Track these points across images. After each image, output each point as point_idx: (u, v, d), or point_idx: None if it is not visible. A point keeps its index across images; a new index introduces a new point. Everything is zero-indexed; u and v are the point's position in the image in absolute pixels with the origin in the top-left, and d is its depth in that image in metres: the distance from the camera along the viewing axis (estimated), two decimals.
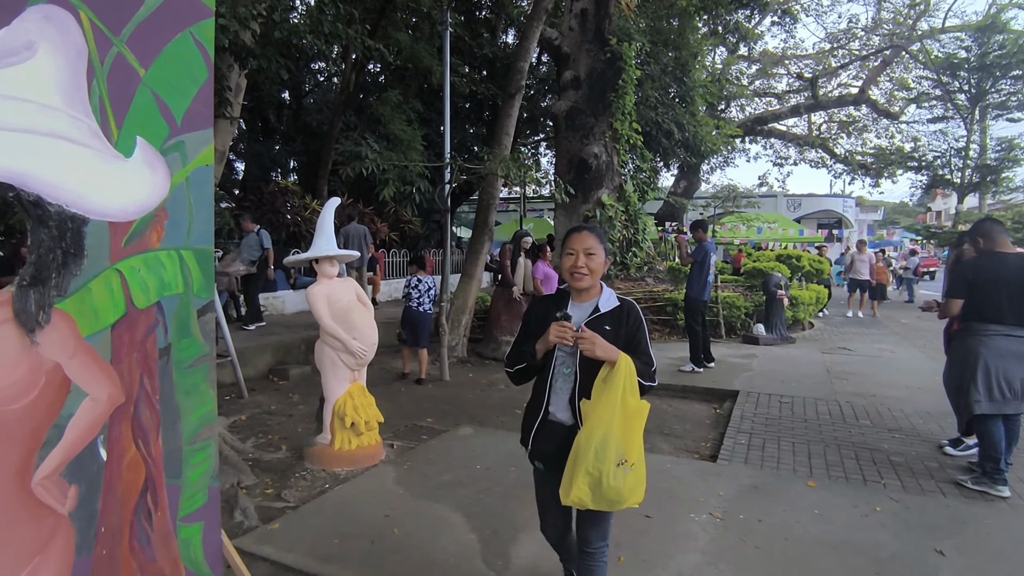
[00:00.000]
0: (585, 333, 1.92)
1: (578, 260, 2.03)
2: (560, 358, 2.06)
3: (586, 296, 2.09)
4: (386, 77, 15.08)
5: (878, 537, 3.01)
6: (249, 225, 8.50)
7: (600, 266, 2.05)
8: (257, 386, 6.37)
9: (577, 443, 1.89)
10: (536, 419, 2.08)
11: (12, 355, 1.29)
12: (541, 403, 2.08)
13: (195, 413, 1.71)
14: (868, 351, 8.43)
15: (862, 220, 36.34)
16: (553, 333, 1.92)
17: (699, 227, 7.17)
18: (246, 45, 4.61)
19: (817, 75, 21.35)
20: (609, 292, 2.11)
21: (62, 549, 1.40)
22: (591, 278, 2.04)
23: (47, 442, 1.35)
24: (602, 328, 1.98)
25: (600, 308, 2.05)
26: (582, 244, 2.04)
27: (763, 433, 4.71)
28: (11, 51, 1.28)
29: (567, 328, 1.91)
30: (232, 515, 3.22)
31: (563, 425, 2.05)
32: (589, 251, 2.03)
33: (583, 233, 2.07)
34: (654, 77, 12.87)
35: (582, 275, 2.03)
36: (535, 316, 2.14)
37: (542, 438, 2.07)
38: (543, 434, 2.07)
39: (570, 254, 2.06)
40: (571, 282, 2.07)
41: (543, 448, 2.07)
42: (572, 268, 2.04)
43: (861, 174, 22.76)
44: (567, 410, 2.04)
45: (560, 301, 2.11)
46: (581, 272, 2.03)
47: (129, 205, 1.51)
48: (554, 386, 2.06)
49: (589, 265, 2.03)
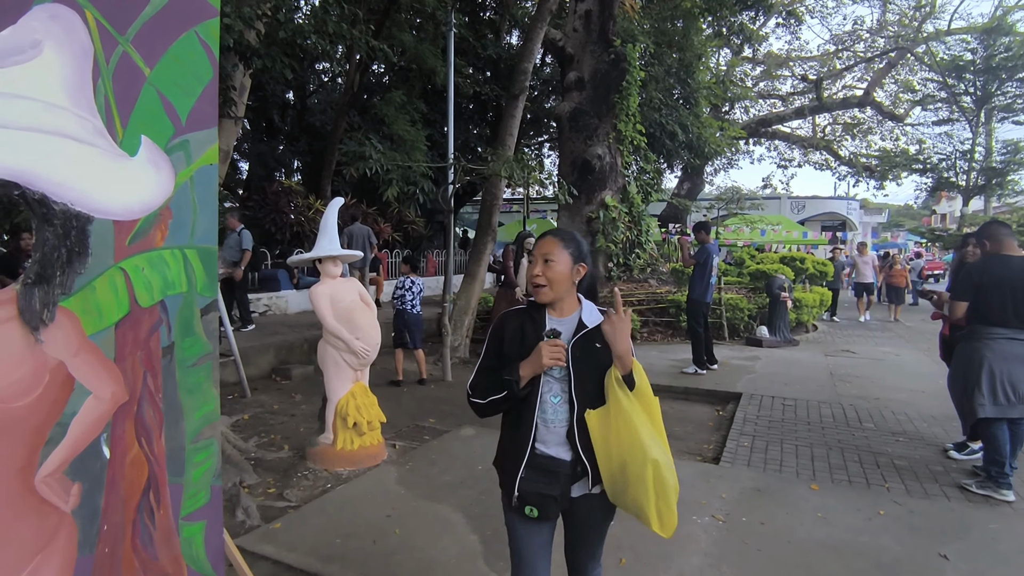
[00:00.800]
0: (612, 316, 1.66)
1: (536, 267, 1.76)
2: (547, 384, 1.74)
3: (565, 309, 1.80)
4: (390, 78, 15.10)
5: (881, 541, 3.00)
6: (234, 223, 8.06)
7: (562, 276, 1.75)
8: (260, 385, 6.38)
9: (652, 461, 1.62)
10: (521, 458, 1.72)
11: (16, 353, 1.29)
12: (525, 439, 1.73)
13: (198, 412, 1.71)
14: (872, 354, 8.40)
15: (866, 222, 36.20)
16: (547, 355, 1.64)
17: (701, 229, 7.15)
18: (251, 45, 4.63)
19: (822, 77, 21.33)
20: (590, 304, 1.83)
21: (65, 547, 1.40)
22: (550, 290, 1.75)
23: (50, 440, 1.35)
24: (592, 347, 1.73)
25: (586, 323, 1.76)
26: (540, 250, 1.78)
27: (766, 435, 4.70)
28: (17, 49, 1.29)
29: (560, 347, 1.66)
30: (234, 514, 3.22)
31: (561, 461, 1.73)
32: (547, 257, 1.75)
33: (545, 238, 1.80)
34: (658, 79, 12.87)
35: (539, 286, 1.75)
36: (510, 333, 1.80)
37: (536, 479, 1.72)
38: (536, 474, 1.72)
39: (531, 261, 1.81)
40: (533, 292, 1.79)
41: (543, 491, 1.71)
42: (532, 279, 1.77)
43: (865, 176, 22.73)
44: (563, 446, 1.73)
45: (535, 315, 1.80)
46: (536, 283, 1.75)
47: (133, 204, 1.52)
48: (541, 420, 1.74)
49: (546, 274, 1.74)
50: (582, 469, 1.72)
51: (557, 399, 1.74)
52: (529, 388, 1.71)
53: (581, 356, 1.72)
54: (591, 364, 1.72)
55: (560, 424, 1.73)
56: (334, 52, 11.11)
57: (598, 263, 10.71)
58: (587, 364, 1.72)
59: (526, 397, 1.72)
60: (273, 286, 10.46)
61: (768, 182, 27.47)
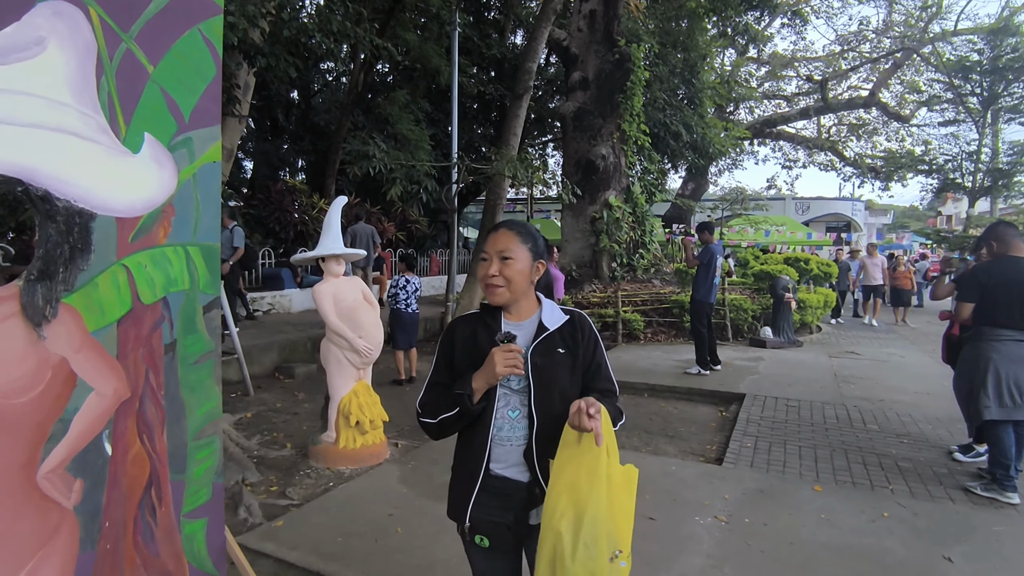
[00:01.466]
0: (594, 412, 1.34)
1: (491, 266, 1.53)
2: (504, 397, 1.53)
3: (522, 311, 1.58)
4: (394, 77, 15.12)
5: (885, 543, 2.98)
6: (225, 220, 7.86)
7: (521, 275, 1.53)
8: (263, 384, 6.40)
9: (554, 532, 1.32)
10: (475, 482, 1.51)
11: (19, 349, 1.30)
12: (479, 461, 1.51)
13: (200, 409, 1.71)
14: (876, 355, 8.36)
15: (871, 223, 36.10)
16: (501, 362, 1.42)
17: (705, 229, 7.13)
18: (255, 43, 4.64)
19: (827, 77, 21.25)
20: (551, 304, 1.61)
21: (66, 543, 1.40)
22: (508, 291, 1.52)
23: (52, 436, 1.36)
24: (555, 352, 1.52)
25: (547, 325, 1.54)
26: (495, 246, 1.54)
27: (769, 436, 4.68)
28: (21, 47, 1.29)
29: (517, 353, 1.45)
30: (236, 512, 3.22)
31: (517, 483, 1.52)
32: (504, 254, 1.52)
33: (499, 232, 1.57)
34: (662, 79, 12.84)
35: (495, 287, 1.52)
36: (461, 341, 1.58)
37: (489, 504, 1.51)
38: (489, 498, 1.51)
39: (484, 259, 1.56)
40: (486, 295, 1.56)
41: (494, 518, 1.51)
42: (485, 278, 1.54)
43: (871, 177, 22.63)
44: (520, 466, 1.51)
45: (489, 319, 1.58)
46: (493, 283, 1.52)
47: (136, 201, 1.52)
48: (498, 437, 1.52)
49: (504, 273, 1.51)
50: (540, 492, 1.47)
51: (515, 413, 1.52)
52: (484, 403, 1.50)
53: (542, 363, 1.51)
54: (553, 372, 1.51)
55: (518, 442, 1.51)
56: (339, 51, 11.13)
57: (601, 263, 10.70)
58: (549, 372, 1.51)
59: (481, 413, 1.51)
60: (277, 285, 10.48)
61: (772, 183, 27.37)
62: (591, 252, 10.81)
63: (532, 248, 1.56)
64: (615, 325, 9.14)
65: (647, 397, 6.24)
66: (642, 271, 11.01)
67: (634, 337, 9.13)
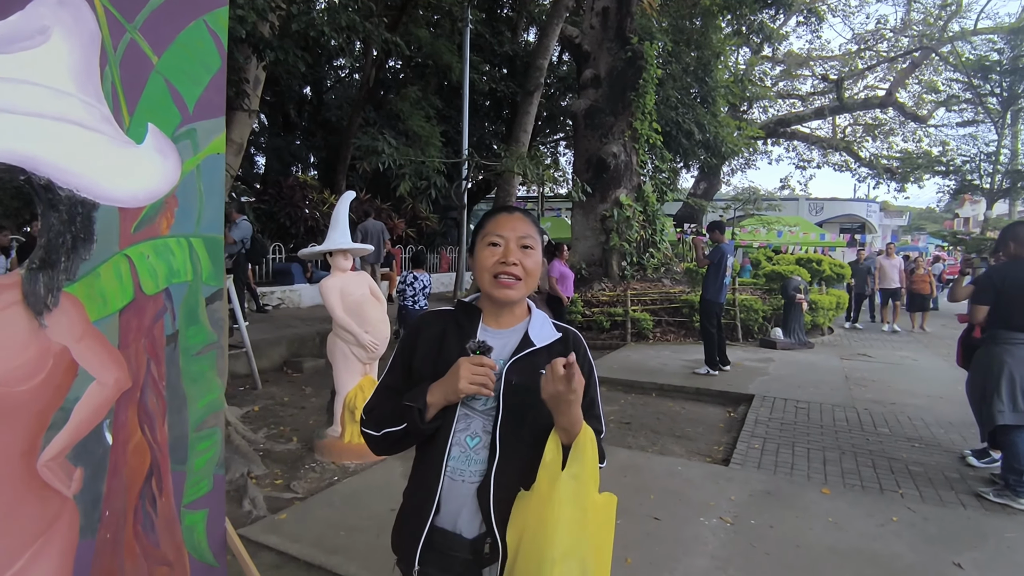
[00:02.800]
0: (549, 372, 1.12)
1: (509, 254, 1.24)
2: (464, 419, 1.23)
3: (508, 317, 1.31)
4: (406, 74, 15.14)
5: (894, 548, 2.94)
6: (233, 214, 7.92)
7: (538, 269, 1.29)
8: (271, 377, 6.43)
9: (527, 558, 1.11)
10: (423, 525, 1.21)
11: (20, 337, 1.30)
12: (429, 498, 1.21)
13: (201, 400, 1.72)
14: (889, 358, 8.26)
15: (886, 225, 35.63)
16: (466, 376, 1.14)
17: (716, 228, 7.07)
18: (264, 37, 4.65)
19: (843, 77, 21.01)
20: (542, 315, 1.33)
21: (66, 531, 1.41)
22: (525, 285, 1.26)
23: (53, 424, 1.36)
24: (537, 374, 1.18)
25: (533, 339, 1.26)
26: (515, 230, 1.26)
27: (778, 438, 4.63)
28: (25, 35, 1.29)
29: (489, 368, 1.16)
30: (241, 504, 3.24)
31: (462, 540, 1.20)
32: (524, 242, 1.26)
33: (515, 215, 1.29)
34: (675, 77, 12.75)
35: (512, 280, 1.24)
36: (424, 342, 1.30)
37: (429, 562, 1.21)
38: (430, 558, 1.21)
39: (494, 244, 1.25)
40: (494, 292, 1.25)
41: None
42: (497, 267, 1.24)
43: (886, 178, 22.34)
44: (472, 510, 1.20)
45: (464, 320, 1.30)
46: (513, 273, 1.23)
47: (139, 191, 1.52)
48: (451, 470, 1.21)
49: (525, 264, 1.25)
50: (492, 549, 1.18)
51: (475, 442, 1.22)
52: (439, 422, 1.21)
53: (518, 384, 1.21)
54: (531, 397, 1.19)
55: (472, 478, 1.20)
56: (351, 47, 11.17)
57: (611, 262, 10.66)
58: (524, 397, 1.21)
59: (434, 435, 1.22)
60: (287, 279, 10.55)
61: (786, 183, 27.14)
62: (601, 250, 10.77)
63: (542, 243, 1.33)
64: (624, 324, 9.10)
65: (655, 397, 6.21)
66: (652, 270, 10.95)
67: (643, 336, 9.09)
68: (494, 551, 1.18)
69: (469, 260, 1.35)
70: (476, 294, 1.36)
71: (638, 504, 3.35)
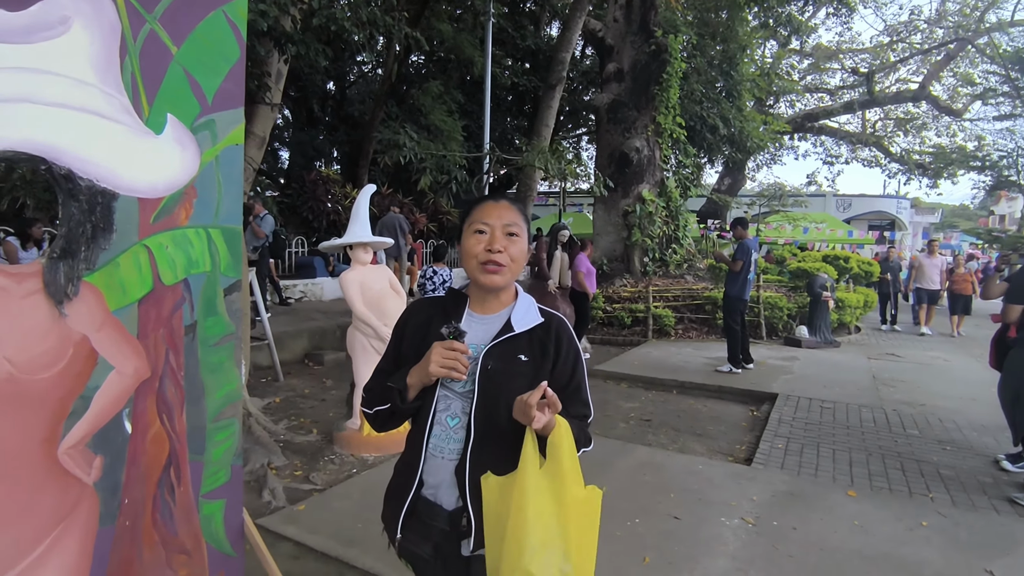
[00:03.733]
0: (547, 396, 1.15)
1: (494, 240, 1.28)
2: (444, 400, 1.31)
3: (493, 303, 1.35)
4: (428, 68, 15.16)
5: (923, 553, 2.85)
6: (258, 208, 7.90)
7: (524, 256, 1.33)
8: (293, 370, 6.50)
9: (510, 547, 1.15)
10: (406, 496, 1.31)
11: (41, 325, 1.31)
12: (413, 471, 1.31)
13: (219, 391, 1.72)
14: (919, 358, 8.05)
15: (917, 222, 34.71)
16: (437, 359, 1.21)
17: (739, 224, 6.95)
18: (285, 31, 4.68)
19: (874, 70, 20.50)
20: (528, 300, 1.37)
21: (86, 518, 1.42)
22: (510, 271, 1.30)
23: (74, 412, 1.38)
24: (514, 358, 1.27)
25: (514, 326, 1.30)
26: (500, 217, 1.29)
27: (802, 438, 4.54)
28: (46, 25, 1.30)
29: (459, 353, 1.21)
30: (261, 494, 3.28)
31: (442, 511, 1.29)
32: (510, 229, 1.30)
33: (500, 203, 1.33)
34: (700, 70, 12.56)
35: (497, 266, 1.28)
36: (412, 327, 1.38)
37: (412, 530, 1.31)
38: (413, 524, 1.31)
39: (480, 232, 1.29)
40: (480, 278, 1.30)
41: (413, 547, 1.32)
42: (484, 254, 1.28)
43: (918, 174, 21.74)
44: (451, 486, 1.28)
45: (452, 306, 1.37)
46: (497, 260, 1.28)
47: (159, 182, 1.52)
48: (431, 447, 1.30)
49: (510, 251, 1.29)
50: (467, 524, 1.26)
51: (455, 421, 1.30)
52: (420, 402, 1.31)
53: (494, 368, 1.26)
54: (507, 381, 1.26)
55: (451, 455, 1.29)
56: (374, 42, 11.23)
57: (633, 258, 10.56)
58: (501, 380, 1.26)
59: (417, 414, 1.32)
60: (309, 273, 10.66)
61: (813, 179, 26.50)
62: (623, 246, 10.67)
63: (528, 230, 1.39)
64: (645, 320, 9.01)
65: (676, 394, 6.13)
66: (675, 266, 10.82)
67: (665, 333, 8.99)
68: (470, 526, 1.26)
69: (457, 248, 1.42)
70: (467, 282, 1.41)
71: (657, 503, 3.30)
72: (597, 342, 8.72)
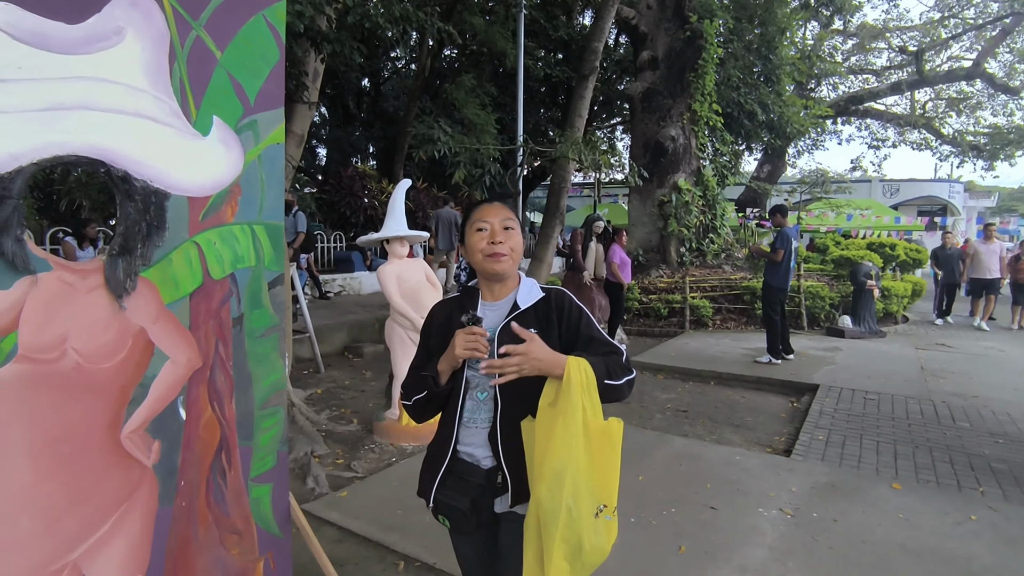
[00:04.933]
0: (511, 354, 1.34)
1: (495, 234, 1.48)
2: (472, 379, 1.50)
3: (501, 291, 1.55)
4: (461, 62, 15.21)
5: (971, 548, 2.77)
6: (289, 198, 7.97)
7: (520, 247, 1.54)
8: (333, 362, 6.68)
9: (538, 502, 1.31)
10: (442, 462, 1.50)
11: (103, 318, 1.41)
12: (447, 441, 1.50)
13: (266, 380, 1.80)
14: (971, 348, 7.73)
15: (971, 207, 33.07)
16: (460, 344, 1.40)
17: (777, 212, 6.80)
18: (321, 30, 4.78)
19: (924, 48, 19.60)
20: (530, 283, 1.56)
21: (147, 497, 1.52)
22: (511, 259, 1.50)
23: (134, 399, 1.47)
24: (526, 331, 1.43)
25: (520, 304, 1.50)
26: (496, 215, 1.51)
27: (844, 430, 4.44)
28: (103, 36, 1.38)
29: (479, 335, 1.40)
30: (305, 481, 3.40)
31: (478, 468, 1.48)
32: (507, 224, 1.51)
33: (494, 204, 1.57)
34: (737, 55, 12.24)
35: (501, 256, 1.48)
36: (437, 325, 1.58)
37: (450, 487, 1.48)
38: (452, 480, 1.49)
39: (481, 229, 1.50)
40: (486, 267, 1.50)
41: (451, 501, 1.46)
42: (487, 247, 1.48)
43: (972, 156, 20.71)
44: (485, 447, 1.48)
45: (467, 301, 1.56)
46: (499, 251, 1.47)
47: (206, 181, 1.60)
48: (464, 419, 1.50)
49: (510, 243, 1.50)
50: (504, 481, 1.45)
51: (484, 395, 1.50)
52: (451, 385, 1.50)
53: (509, 343, 1.41)
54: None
55: (483, 424, 1.49)
56: (407, 38, 11.33)
57: (669, 248, 10.43)
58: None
59: (450, 396, 1.51)
60: (347, 267, 10.89)
61: (857, 164, 25.53)
62: (659, 236, 10.55)
63: (522, 227, 1.60)
64: (682, 311, 8.91)
65: (713, 385, 6.06)
66: (712, 256, 10.64)
67: (702, 324, 8.87)
68: (504, 483, 1.45)
69: (461, 249, 1.59)
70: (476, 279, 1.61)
71: (693, 492, 3.29)
72: (633, 333, 8.67)
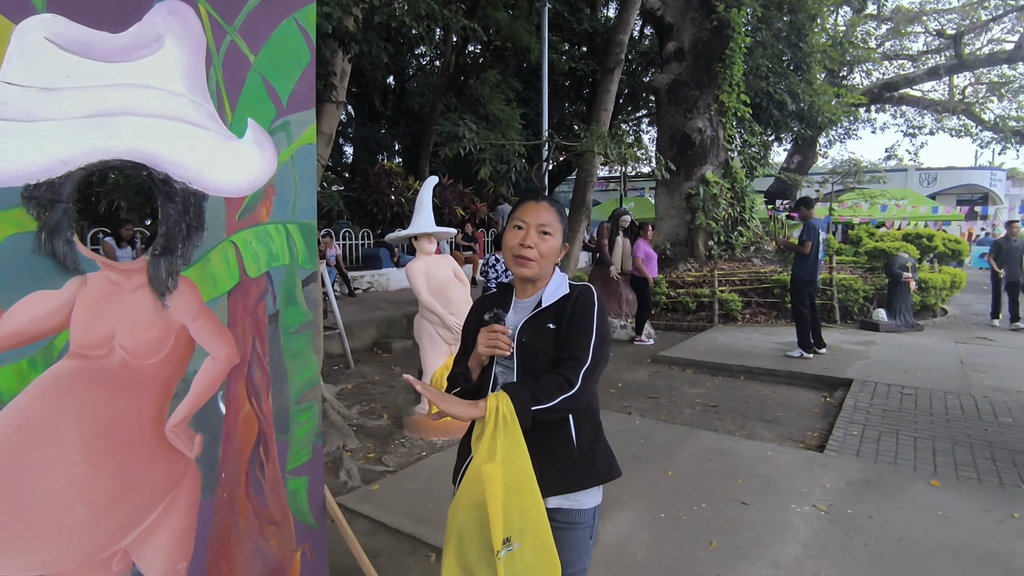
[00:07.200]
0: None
1: (527, 237, 1.48)
2: (500, 375, 1.54)
3: (531, 288, 1.56)
4: (485, 58, 15.23)
5: (1013, 545, 2.70)
6: None
7: (554, 252, 1.52)
8: (363, 358, 6.78)
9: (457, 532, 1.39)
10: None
11: (147, 316, 1.46)
12: None
13: (300, 376, 1.85)
14: (1014, 342, 7.48)
15: (1014, 195, 31.90)
16: (482, 341, 1.47)
17: (803, 204, 6.67)
18: (348, 31, 4.84)
19: (963, 31, 18.91)
20: (560, 278, 1.56)
21: (191, 488, 1.58)
22: (539, 266, 1.49)
23: (177, 394, 1.53)
24: (544, 328, 1.48)
25: (543, 302, 1.51)
26: (536, 217, 1.49)
27: (879, 425, 4.35)
28: (143, 44, 1.43)
29: (499, 333, 1.46)
30: (338, 475, 3.47)
31: None
32: (544, 228, 1.49)
33: (541, 204, 1.53)
34: (765, 44, 11.99)
35: (527, 260, 1.48)
36: (472, 321, 1.63)
37: None
38: None
39: (518, 227, 1.51)
40: (513, 268, 1.52)
41: None
42: (517, 248, 1.49)
43: (1015, 142, 19.96)
44: None
45: (502, 298, 1.61)
46: (527, 255, 1.48)
47: (242, 182, 1.65)
48: None
49: (540, 248, 1.48)
50: None
51: None
52: (481, 381, 1.54)
53: (528, 340, 1.48)
54: (539, 349, 1.47)
55: None
56: (431, 35, 11.38)
57: (697, 242, 10.30)
58: (534, 349, 1.48)
59: (479, 390, 1.54)
60: (375, 264, 11.02)
61: (892, 152, 24.78)
62: (686, 230, 10.43)
63: (564, 229, 1.58)
64: (711, 305, 8.80)
65: (743, 380, 5.98)
66: (741, 249, 10.48)
67: (731, 318, 8.75)
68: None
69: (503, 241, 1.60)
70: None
71: (724, 488, 3.27)
72: (661, 328, 8.60)
